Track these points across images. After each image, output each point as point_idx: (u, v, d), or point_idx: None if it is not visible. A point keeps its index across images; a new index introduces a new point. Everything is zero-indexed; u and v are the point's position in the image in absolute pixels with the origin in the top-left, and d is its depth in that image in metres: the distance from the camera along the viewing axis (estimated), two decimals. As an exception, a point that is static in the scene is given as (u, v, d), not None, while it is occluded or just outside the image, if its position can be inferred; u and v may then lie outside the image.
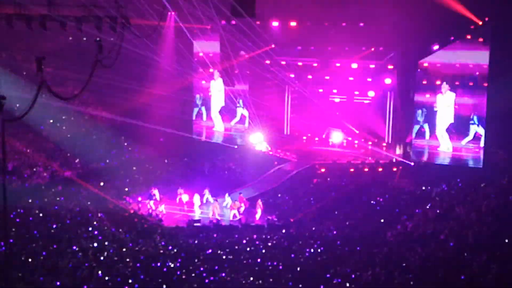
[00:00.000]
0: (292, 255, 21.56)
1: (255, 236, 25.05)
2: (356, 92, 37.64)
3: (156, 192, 30.54)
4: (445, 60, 33.38)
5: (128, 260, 20.47)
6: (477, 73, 32.86)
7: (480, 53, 32.19)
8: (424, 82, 34.29)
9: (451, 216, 24.27)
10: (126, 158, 35.85)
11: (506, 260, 18.15)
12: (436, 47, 32.97)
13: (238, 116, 39.18)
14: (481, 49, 32.16)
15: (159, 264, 20.47)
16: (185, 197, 31.14)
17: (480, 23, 31.23)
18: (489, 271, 17.70)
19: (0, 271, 18.06)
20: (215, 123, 39.66)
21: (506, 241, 20.16)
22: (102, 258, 20.60)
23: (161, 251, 22.28)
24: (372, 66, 36.39)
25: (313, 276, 19.05)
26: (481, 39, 32.00)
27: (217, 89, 39.05)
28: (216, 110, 39.57)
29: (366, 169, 33.67)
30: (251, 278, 18.92)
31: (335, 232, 24.79)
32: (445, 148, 34.16)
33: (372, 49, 35.34)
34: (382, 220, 25.49)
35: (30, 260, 19.66)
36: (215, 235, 25.59)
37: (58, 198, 28.42)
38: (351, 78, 37.21)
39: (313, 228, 26.01)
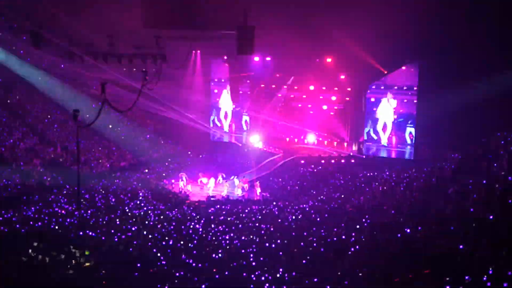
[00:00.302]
0: (279, 220, 21.65)
1: (254, 207, 25.16)
2: (324, 107, 37.85)
3: (184, 176, 30.64)
4: (387, 82, 33.59)
5: (165, 224, 20.57)
6: (410, 93, 33.11)
7: (412, 77, 32.52)
8: (372, 99, 34.42)
9: (392, 193, 24.39)
10: (163, 153, 35.95)
11: (430, 225, 18.23)
12: (384, 73, 32.87)
13: (243, 121, 39.25)
14: (413, 75, 32.46)
15: (187, 226, 20.58)
16: (204, 180, 31.23)
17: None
18: (417, 232, 17.80)
19: (76, 231, 18.25)
20: (223, 123, 39.46)
21: (432, 211, 20.22)
22: (146, 222, 20.70)
23: (188, 218, 22.41)
24: (336, 88, 36.63)
25: (294, 235, 19.16)
26: (412, 69, 32.37)
27: (227, 94, 38.70)
28: (225, 111, 39.21)
29: (332, 161, 33.76)
30: (251, 236, 19.02)
31: (310, 204, 24.89)
32: (384, 141, 34.18)
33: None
34: (342, 196, 25.58)
35: (96, 224, 19.77)
36: (226, 207, 25.67)
37: (116, 181, 28.53)
38: (321, 97, 37.47)
39: (295, 201, 26.13)
